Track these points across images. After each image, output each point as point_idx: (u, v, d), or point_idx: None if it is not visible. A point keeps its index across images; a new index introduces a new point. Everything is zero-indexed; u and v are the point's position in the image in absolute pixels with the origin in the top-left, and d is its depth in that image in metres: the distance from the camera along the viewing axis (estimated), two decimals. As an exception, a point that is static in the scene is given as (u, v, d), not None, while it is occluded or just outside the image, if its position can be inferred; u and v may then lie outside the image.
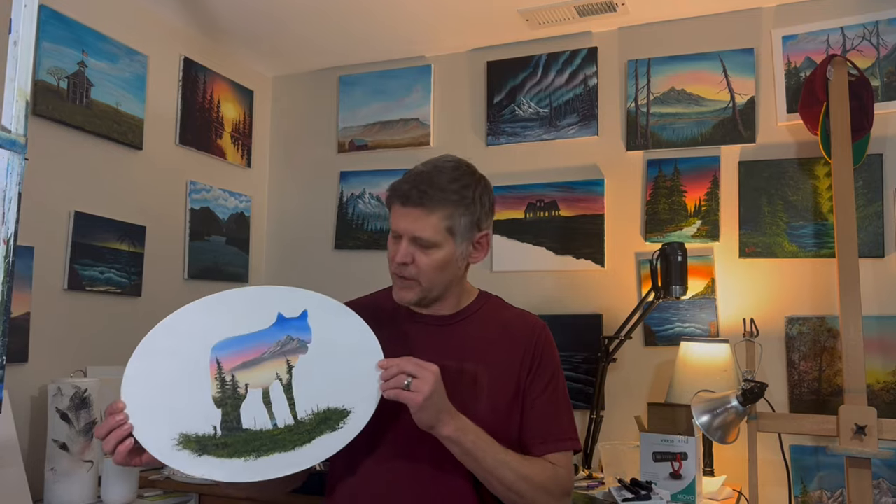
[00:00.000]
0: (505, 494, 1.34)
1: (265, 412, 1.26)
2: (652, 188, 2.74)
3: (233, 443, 1.22)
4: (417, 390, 1.22)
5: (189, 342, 1.28)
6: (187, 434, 1.22)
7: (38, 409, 2.22)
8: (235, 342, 1.29)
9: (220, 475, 1.20)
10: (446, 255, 1.38)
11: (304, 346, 1.30)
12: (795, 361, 2.48)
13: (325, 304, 1.34)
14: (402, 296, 1.41)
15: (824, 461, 2.38)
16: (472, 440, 1.29)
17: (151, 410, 1.22)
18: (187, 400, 1.24)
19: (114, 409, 1.21)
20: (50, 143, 2.33)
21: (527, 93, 2.97)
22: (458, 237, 1.38)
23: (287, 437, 1.24)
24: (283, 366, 1.28)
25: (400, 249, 1.37)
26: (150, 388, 1.24)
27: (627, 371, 2.66)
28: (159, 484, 2.32)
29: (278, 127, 3.42)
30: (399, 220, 1.37)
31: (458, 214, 1.37)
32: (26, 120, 1.17)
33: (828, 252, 2.47)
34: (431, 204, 1.35)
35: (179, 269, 2.87)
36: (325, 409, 1.26)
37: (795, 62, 2.60)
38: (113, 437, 1.19)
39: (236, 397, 1.26)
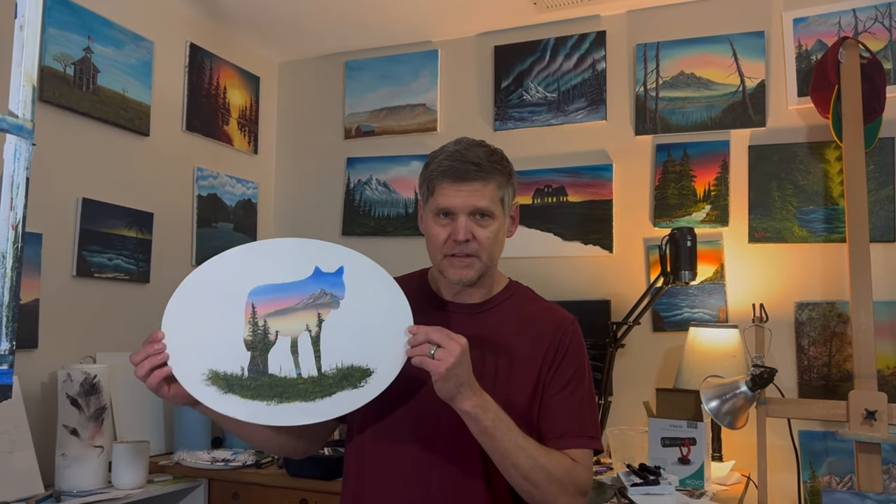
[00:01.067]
0: (519, 483, 1.32)
1: (291, 361, 1.29)
2: (661, 173, 2.72)
3: (257, 385, 1.26)
4: (441, 359, 1.22)
5: (229, 284, 1.31)
6: (216, 371, 1.26)
7: (49, 394, 2.24)
8: (272, 289, 1.31)
9: (241, 414, 1.24)
10: (499, 226, 1.40)
11: (336, 301, 1.32)
12: (805, 347, 2.47)
13: (362, 264, 1.36)
14: (464, 274, 1.40)
15: (833, 446, 2.37)
16: (491, 419, 1.28)
17: (186, 344, 1.26)
18: (220, 339, 1.28)
19: (153, 338, 1.26)
20: (57, 129, 2.33)
21: (534, 77, 2.95)
22: (504, 208, 1.42)
23: (309, 387, 1.27)
24: (313, 318, 1.31)
25: (459, 226, 1.37)
26: (188, 323, 1.28)
27: (636, 357, 2.66)
28: (169, 469, 2.33)
29: (285, 113, 3.41)
30: (453, 197, 1.37)
31: (505, 185, 1.41)
32: (33, 105, 1.16)
33: (838, 237, 2.45)
34: (486, 175, 1.37)
35: (187, 256, 2.87)
36: (348, 365, 1.29)
37: (806, 45, 2.57)
38: (147, 363, 1.24)
39: (266, 342, 1.29)
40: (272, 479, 2.25)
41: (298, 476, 2.20)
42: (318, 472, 2.17)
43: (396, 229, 3.12)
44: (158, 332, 1.27)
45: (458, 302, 1.46)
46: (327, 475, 2.15)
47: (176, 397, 1.28)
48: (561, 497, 1.34)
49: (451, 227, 1.38)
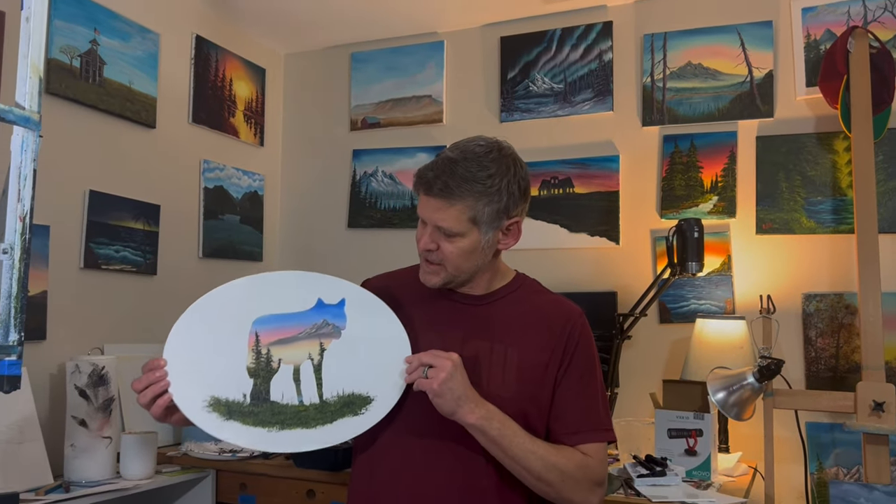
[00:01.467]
0: (533, 484, 1.33)
1: (293, 388, 1.32)
2: (668, 164, 2.71)
3: (259, 412, 1.29)
4: (433, 377, 1.26)
5: (234, 313, 1.34)
6: (218, 398, 1.28)
7: (57, 385, 2.25)
8: (276, 319, 1.35)
9: (242, 441, 1.27)
10: (471, 243, 1.37)
11: (338, 331, 1.36)
12: (812, 338, 2.46)
13: (363, 297, 1.40)
14: (428, 279, 1.42)
15: (841, 438, 2.37)
16: (497, 428, 1.28)
17: (188, 371, 1.28)
18: (223, 366, 1.30)
19: (154, 365, 1.28)
20: (64, 121, 2.34)
21: (541, 68, 2.94)
22: (484, 226, 1.36)
23: (311, 414, 1.30)
24: (315, 347, 1.35)
25: (424, 236, 1.38)
26: (191, 350, 1.30)
27: (642, 348, 2.65)
28: (177, 460, 2.34)
29: (291, 105, 3.41)
30: (423, 208, 1.38)
31: (481, 205, 1.34)
32: (40, 97, 1.16)
33: (846, 228, 2.44)
34: (452, 196, 1.33)
35: (194, 248, 2.88)
36: (349, 393, 1.32)
37: (815, 34, 2.56)
38: (150, 392, 1.26)
39: (269, 370, 1.32)
40: (280, 469, 2.25)
41: (306, 467, 2.20)
42: (326, 464, 2.17)
43: (402, 221, 3.11)
44: (160, 360, 1.28)
45: (462, 293, 1.46)
46: (334, 466, 2.16)
47: (179, 422, 1.30)
48: (577, 492, 1.35)
49: (422, 232, 1.40)
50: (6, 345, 1.10)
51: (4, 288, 1.09)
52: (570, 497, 1.35)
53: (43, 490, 1.94)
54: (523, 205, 1.43)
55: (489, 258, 1.43)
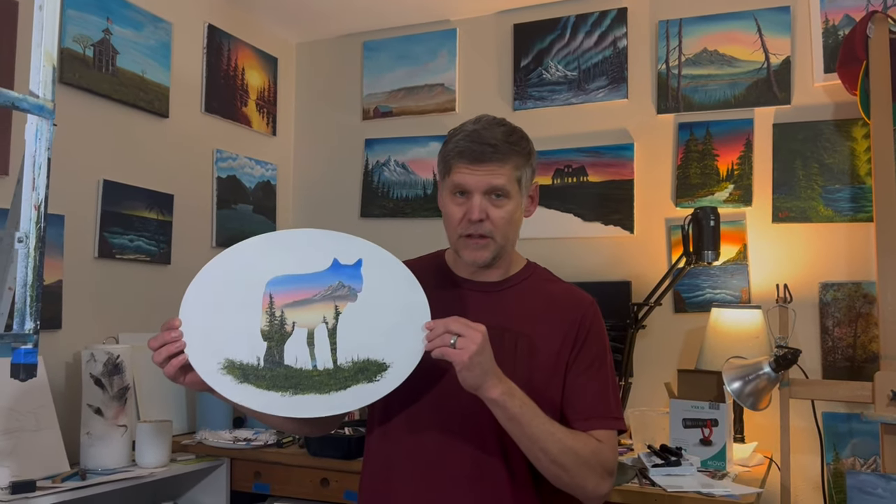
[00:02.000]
0: (547, 466, 1.32)
1: (307, 352, 1.29)
2: (683, 152, 2.69)
3: (273, 376, 1.27)
4: (464, 348, 1.21)
5: (248, 274, 1.31)
6: (232, 360, 1.26)
7: (73, 374, 2.26)
8: (290, 280, 1.31)
9: (256, 404, 1.25)
10: (514, 206, 1.39)
11: (354, 294, 1.32)
12: (829, 328, 2.44)
13: (380, 257, 1.35)
14: (478, 255, 1.39)
15: (858, 428, 2.34)
16: (518, 405, 1.27)
17: (203, 333, 1.26)
18: (237, 328, 1.28)
19: (170, 325, 1.26)
20: (77, 111, 2.34)
21: (554, 56, 2.92)
22: (522, 189, 1.41)
23: (325, 380, 1.27)
24: (330, 310, 1.31)
25: (474, 205, 1.36)
26: (205, 312, 1.28)
27: (657, 338, 2.64)
28: (192, 448, 2.36)
29: (303, 94, 3.40)
30: (469, 177, 1.37)
31: (523, 165, 1.40)
32: (53, 85, 1.16)
33: (865, 216, 2.41)
34: (502, 157, 1.36)
35: (207, 238, 2.88)
36: (364, 359, 1.29)
37: (833, 20, 2.52)
38: (164, 350, 1.24)
39: (282, 333, 1.29)
40: (294, 458, 2.26)
41: (319, 455, 2.21)
42: (339, 452, 2.18)
43: (415, 210, 3.11)
44: (176, 319, 1.27)
45: (475, 280, 1.46)
46: (348, 455, 2.17)
47: (192, 384, 1.28)
48: (590, 479, 1.34)
49: (467, 206, 1.37)
50: (22, 333, 1.11)
51: (20, 276, 1.09)
52: (582, 483, 1.34)
53: (59, 477, 1.96)
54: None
55: (520, 229, 1.45)
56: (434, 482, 1.36)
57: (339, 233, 1.36)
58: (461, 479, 1.36)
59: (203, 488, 2.37)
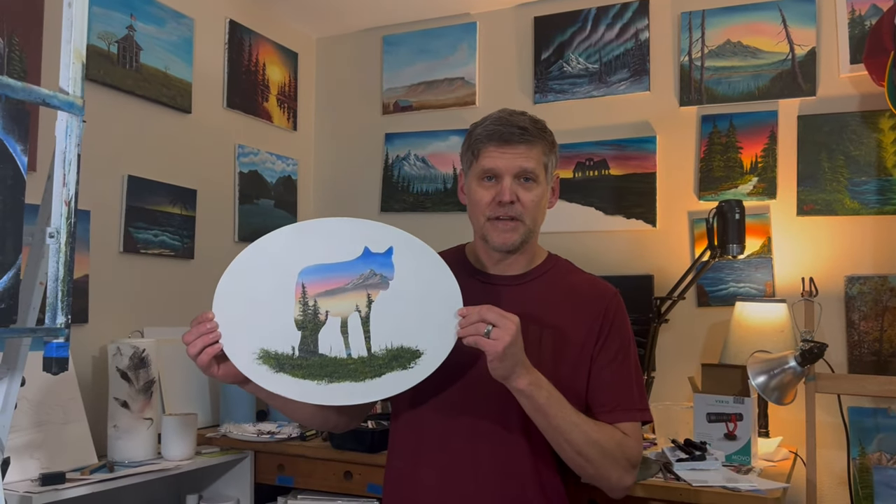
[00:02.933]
0: (572, 457, 1.33)
1: (341, 341, 1.30)
2: (706, 145, 2.66)
3: (308, 365, 1.28)
4: (498, 338, 1.21)
5: (279, 264, 1.32)
6: (267, 350, 1.28)
7: (99, 368, 2.29)
8: (322, 269, 1.33)
9: (293, 393, 1.27)
10: (542, 191, 1.42)
11: (385, 282, 1.33)
12: (855, 321, 2.41)
13: (411, 244, 1.36)
14: (507, 238, 1.40)
15: (884, 423, 2.32)
16: (545, 396, 1.28)
17: (237, 324, 1.28)
18: (271, 318, 1.29)
19: (203, 318, 1.28)
20: (102, 107, 2.36)
21: (575, 48, 2.90)
22: (548, 176, 1.44)
23: (359, 367, 1.29)
24: (363, 298, 1.32)
25: (504, 187, 1.38)
26: (238, 303, 1.30)
27: (679, 332, 2.62)
28: (216, 441, 2.38)
29: (323, 89, 3.41)
30: (499, 159, 1.38)
31: (549, 152, 1.43)
32: (83, 82, 1.18)
33: (891, 209, 2.38)
34: (532, 139, 1.39)
35: (230, 232, 2.90)
36: (398, 346, 1.30)
37: (860, 10, 2.48)
38: (200, 342, 1.26)
39: (316, 322, 1.30)
40: (317, 451, 2.28)
41: (343, 449, 2.22)
42: (363, 445, 2.19)
43: (435, 205, 3.11)
44: (209, 312, 1.28)
45: (498, 273, 1.46)
46: (371, 448, 2.18)
47: (226, 376, 1.30)
48: (614, 471, 1.34)
49: (496, 189, 1.38)
50: (54, 328, 1.12)
51: (51, 271, 1.11)
52: (607, 475, 1.35)
53: (88, 469, 1.98)
54: None
55: (545, 217, 1.47)
56: (460, 467, 1.38)
57: (370, 221, 1.37)
58: (487, 464, 1.37)
59: (227, 481, 2.40)
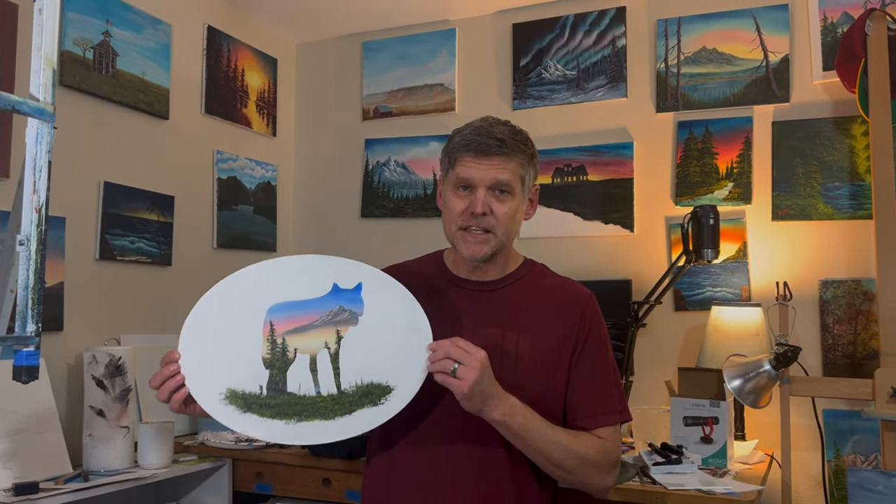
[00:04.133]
0: (553, 471, 1.34)
1: (310, 378, 1.29)
2: (682, 151, 2.69)
3: (276, 404, 1.27)
4: (463, 378, 1.22)
5: (247, 302, 1.31)
6: (235, 390, 1.27)
7: (75, 376, 2.27)
8: (290, 307, 1.32)
9: (260, 433, 1.25)
10: (517, 204, 1.41)
11: (355, 318, 1.32)
12: (829, 325, 2.44)
13: (380, 280, 1.36)
14: (478, 250, 1.39)
15: (858, 425, 2.35)
16: (520, 422, 1.28)
17: (204, 364, 1.27)
18: (238, 357, 1.28)
19: (169, 358, 1.27)
20: (78, 113, 2.35)
21: (553, 55, 2.92)
22: (524, 188, 1.43)
23: (329, 405, 1.27)
24: (332, 335, 1.31)
25: (478, 199, 1.37)
26: (205, 342, 1.28)
27: (657, 336, 2.64)
28: (194, 449, 2.36)
29: (302, 95, 3.41)
30: (474, 170, 1.37)
31: (527, 165, 1.42)
32: (54, 88, 1.17)
33: (864, 213, 2.41)
34: (510, 152, 1.38)
35: (208, 239, 2.89)
36: (368, 382, 1.29)
37: (832, 17, 2.52)
38: (166, 388, 1.26)
39: (284, 360, 1.29)
40: (295, 458, 2.26)
41: (321, 456, 2.21)
42: (341, 452, 2.18)
43: (415, 210, 3.11)
44: (175, 353, 1.27)
45: (473, 280, 1.46)
46: (349, 455, 2.17)
47: (200, 414, 1.29)
48: (595, 476, 1.35)
49: (469, 199, 1.37)
50: (24, 336, 1.11)
51: (21, 279, 1.10)
52: (587, 481, 1.36)
53: (62, 479, 1.96)
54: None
55: (519, 228, 1.46)
56: (435, 491, 1.37)
57: (338, 257, 1.36)
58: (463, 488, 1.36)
59: (205, 489, 2.38)
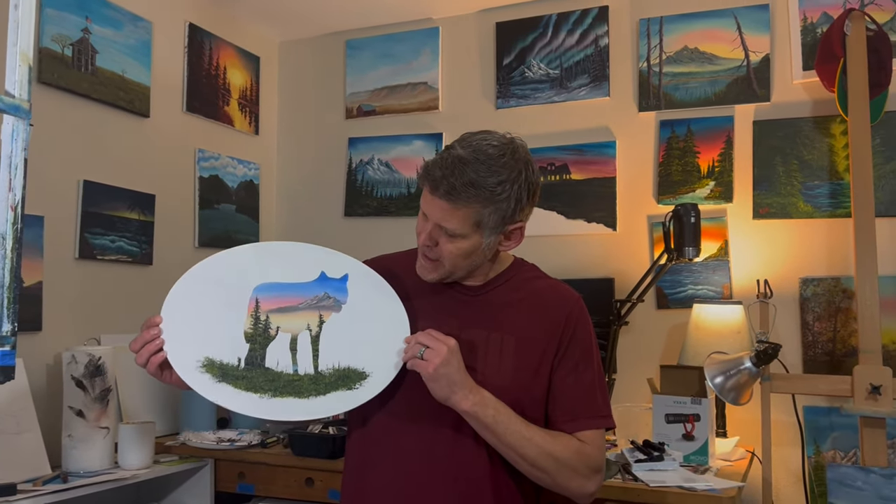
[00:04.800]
0: (528, 471, 1.33)
1: (289, 357, 1.31)
2: (664, 150, 2.70)
3: (252, 377, 1.28)
4: (429, 359, 1.25)
5: (236, 277, 1.34)
6: (212, 359, 1.28)
7: (54, 376, 2.24)
8: (277, 287, 1.35)
9: (233, 405, 1.26)
10: (472, 245, 1.34)
11: (338, 305, 1.36)
12: (809, 322, 2.46)
13: (366, 274, 1.40)
14: (424, 274, 1.41)
15: (838, 422, 2.37)
16: (491, 415, 1.28)
17: (184, 331, 1.28)
18: (220, 328, 1.30)
19: (150, 322, 1.28)
20: (57, 111, 2.32)
21: (536, 54, 2.92)
22: (487, 231, 1.33)
23: (304, 384, 1.30)
24: (315, 318, 1.34)
25: (424, 233, 1.36)
26: (189, 309, 1.30)
27: (640, 334, 2.65)
28: (175, 450, 2.35)
29: (285, 93, 3.39)
30: (426, 204, 1.34)
31: (487, 211, 1.30)
32: (30, 85, 1.15)
33: (843, 212, 2.44)
34: (458, 200, 1.28)
35: (190, 238, 2.87)
36: (345, 367, 1.32)
37: (812, 17, 2.54)
38: (145, 351, 1.26)
39: (266, 337, 1.32)
40: (278, 458, 2.26)
41: (304, 455, 2.21)
42: (324, 452, 2.18)
43: (399, 209, 3.10)
44: (156, 317, 1.28)
45: (462, 283, 1.45)
46: (332, 455, 2.16)
47: (178, 383, 1.29)
48: (573, 480, 1.34)
49: (426, 226, 1.36)
50: (-1, 335, 1.10)
51: (-3, 278, 1.08)
52: (565, 484, 1.35)
53: (41, 480, 1.94)
54: (530, 208, 1.39)
55: (488, 258, 1.41)
56: (411, 484, 1.36)
57: (328, 248, 1.41)
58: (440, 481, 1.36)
59: (187, 489, 2.36)
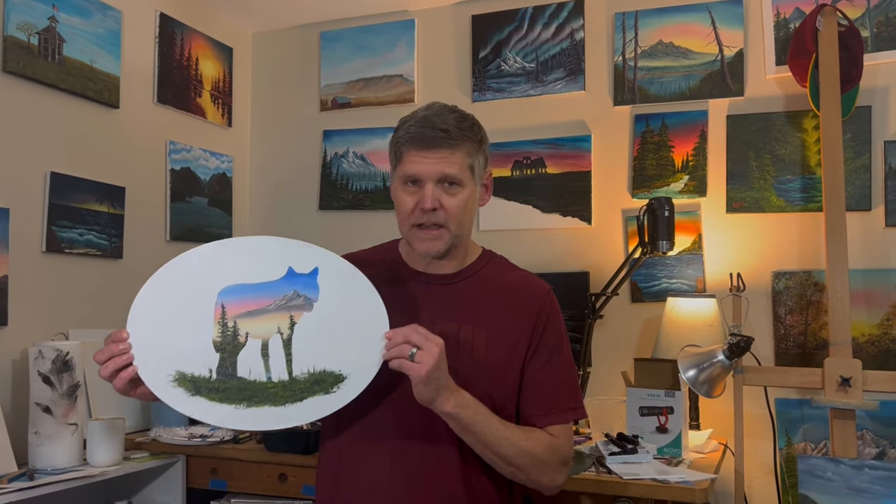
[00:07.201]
0: (504, 468, 1.33)
1: (261, 364, 1.26)
2: (639, 144, 2.71)
3: (226, 389, 1.24)
4: (421, 362, 1.20)
5: (199, 283, 1.27)
6: (184, 373, 1.23)
7: (20, 372, 2.20)
8: (243, 289, 1.28)
9: (209, 418, 1.22)
10: (468, 195, 1.37)
11: (310, 303, 1.29)
12: (782, 315, 2.49)
13: (337, 265, 1.32)
14: (432, 246, 1.36)
15: (809, 414, 2.40)
16: (471, 415, 1.27)
17: (153, 345, 1.23)
18: (188, 340, 1.25)
19: (116, 337, 1.22)
20: (23, 101, 2.27)
21: (513, 47, 2.91)
22: (476, 177, 1.39)
23: (280, 392, 1.25)
24: (285, 320, 1.28)
25: (426, 194, 1.33)
26: (154, 323, 1.24)
27: (614, 327, 2.66)
28: (146, 446, 2.31)
29: (259, 85, 3.35)
30: (420, 164, 1.33)
31: (475, 152, 1.38)
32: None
33: (815, 206, 2.46)
34: (454, 143, 1.33)
35: (161, 231, 2.82)
36: (321, 370, 1.26)
37: (785, 13, 2.56)
38: (112, 364, 1.20)
39: (235, 344, 1.26)
40: (250, 454, 2.23)
41: (277, 451, 2.18)
42: (297, 447, 2.16)
43: (375, 203, 3.08)
44: (123, 332, 1.22)
45: (430, 273, 1.44)
46: (305, 450, 2.14)
47: (144, 397, 1.25)
48: (545, 474, 1.35)
49: (419, 195, 1.34)
50: (-42, 329, 1.07)
51: (-45, 270, 1.05)
52: (538, 479, 1.35)
53: (6, 478, 1.90)
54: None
55: (474, 218, 1.44)
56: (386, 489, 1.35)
57: (295, 240, 1.33)
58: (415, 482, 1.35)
59: (158, 486, 2.33)
